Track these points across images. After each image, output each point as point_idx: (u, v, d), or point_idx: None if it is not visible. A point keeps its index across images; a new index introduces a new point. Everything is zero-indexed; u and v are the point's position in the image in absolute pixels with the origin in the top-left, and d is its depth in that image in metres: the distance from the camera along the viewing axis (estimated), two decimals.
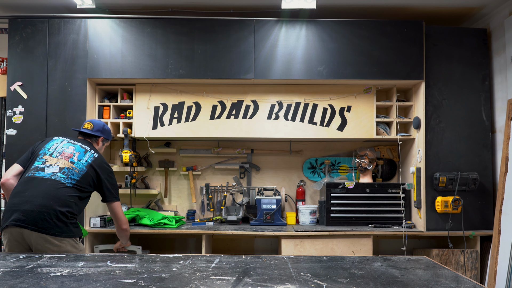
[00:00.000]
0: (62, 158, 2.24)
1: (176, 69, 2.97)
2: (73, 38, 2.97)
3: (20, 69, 2.97)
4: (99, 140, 2.51)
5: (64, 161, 2.23)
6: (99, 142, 2.52)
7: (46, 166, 2.19)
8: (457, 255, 3.01)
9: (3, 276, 1.45)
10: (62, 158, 2.24)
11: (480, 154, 3.05)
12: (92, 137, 2.50)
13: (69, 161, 2.24)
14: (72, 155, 2.27)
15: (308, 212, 3.23)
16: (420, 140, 3.05)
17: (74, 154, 2.27)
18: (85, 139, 2.47)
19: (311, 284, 1.37)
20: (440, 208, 2.96)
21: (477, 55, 3.08)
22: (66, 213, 2.10)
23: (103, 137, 2.52)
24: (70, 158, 2.25)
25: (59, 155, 2.25)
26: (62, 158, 2.24)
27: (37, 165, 2.21)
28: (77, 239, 2.18)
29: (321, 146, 3.59)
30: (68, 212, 2.11)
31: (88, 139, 2.49)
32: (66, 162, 2.23)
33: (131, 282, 1.38)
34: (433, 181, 3.00)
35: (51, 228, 2.05)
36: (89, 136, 2.49)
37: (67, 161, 2.23)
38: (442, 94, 3.05)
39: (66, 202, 2.12)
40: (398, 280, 1.44)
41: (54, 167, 2.19)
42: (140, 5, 3.00)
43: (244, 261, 1.71)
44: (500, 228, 2.84)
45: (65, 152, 2.27)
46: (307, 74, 2.99)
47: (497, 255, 2.83)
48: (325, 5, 2.99)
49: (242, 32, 2.98)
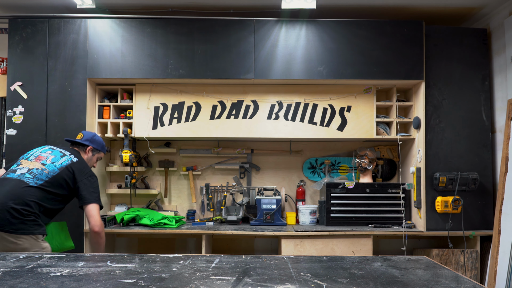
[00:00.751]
0: (35, 161, 2.31)
1: (176, 69, 2.97)
2: (73, 38, 2.97)
3: (20, 69, 2.97)
4: (87, 149, 2.56)
5: (36, 163, 2.29)
6: (87, 152, 2.56)
7: (19, 168, 2.28)
8: (457, 255, 3.01)
9: (3, 276, 1.45)
10: (35, 161, 2.31)
11: (480, 154, 3.05)
12: (80, 146, 2.55)
13: (40, 163, 2.29)
14: (46, 158, 2.33)
15: (308, 212, 3.23)
16: (420, 140, 3.05)
17: (48, 157, 2.34)
18: (73, 148, 2.54)
19: (311, 284, 1.37)
20: (440, 208, 2.96)
21: (477, 55, 3.08)
22: (21, 211, 2.12)
23: (92, 147, 2.57)
24: (42, 160, 2.31)
25: (34, 158, 2.33)
26: (35, 161, 2.31)
27: (12, 168, 2.30)
28: (38, 237, 2.19)
29: (321, 146, 3.59)
30: (23, 210, 2.13)
31: (76, 148, 2.55)
32: (38, 164, 2.29)
33: (131, 282, 1.38)
34: (433, 181, 3.00)
35: (5, 225, 2.08)
36: (77, 145, 2.55)
37: (38, 163, 2.29)
38: (442, 94, 3.05)
39: (23, 200, 2.14)
40: (398, 280, 1.44)
41: (24, 168, 2.26)
42: (140, 5, 3.00)
43: (244, 261, 1.71)
44: (500, 228, 2.84)
45: (41, 156, 2.34)
46: (307, 74, 2.99)
47: (497, 255, 2.83)
48: (325, 5, 2.99)
49: (242, 32, 2.98)
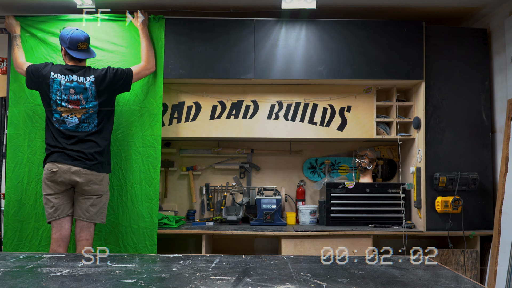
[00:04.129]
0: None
1: (176, 69, 2.97)
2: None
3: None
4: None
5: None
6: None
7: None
8: (457, 255, 3.01)
9: (3, 276, 1.45)
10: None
11: (480, 154, 3.04)
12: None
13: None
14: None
15: (308, 212, 3.23)
16: (420, 140, 3.05)
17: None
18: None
19: (311, 284, 1.37)
20: (440, 208, 2.96)
21: (477, 55, 3.08)
22: None
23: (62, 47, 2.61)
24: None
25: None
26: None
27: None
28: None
29: (321, 146, 3.59)
30: None
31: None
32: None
33: (131, 282, 1.38)
34: (433, 181, 3.00)
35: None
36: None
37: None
38: (442, 94, 3.05)
39: None
40: (398, 280, 1.44)
41: None
42: (140, 5, 3.00)
43: (244, 261, 1.71)
44: (500, 228, 2.84)
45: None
46: (307, 74, 2.99)
47: (497, 255, 2.83)
48: (325, 5, 2.99)
49: (242, 32, 2.98)
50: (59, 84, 2.52)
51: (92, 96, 2.54)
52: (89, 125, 2.54)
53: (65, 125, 2.52)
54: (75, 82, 2.53)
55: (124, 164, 2.87)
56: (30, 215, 2.86)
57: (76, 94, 2.51)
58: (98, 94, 2.55)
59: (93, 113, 2.54)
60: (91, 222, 2.50)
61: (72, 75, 2.55)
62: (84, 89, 2.53)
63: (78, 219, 2.50)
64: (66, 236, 2.49)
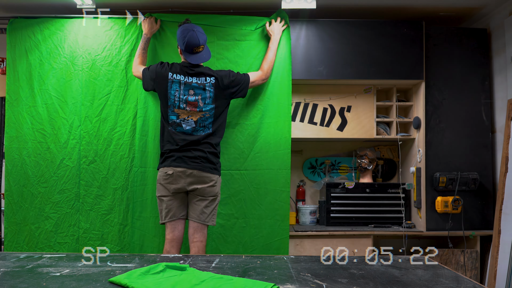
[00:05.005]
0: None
1: None
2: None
3: None
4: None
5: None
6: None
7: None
8: (457, 255, 3.01)
9: (3, 276, 1.45)
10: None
11: (480, 154, 3.05)
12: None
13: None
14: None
15: (308, 212, 3.23)
16: (420, 140, 3.05)
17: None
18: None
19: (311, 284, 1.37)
20: (440, 208, 2.96)
21: (477, 55, 3.08)
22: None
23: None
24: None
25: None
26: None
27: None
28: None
29: (321, 146, 3.58)
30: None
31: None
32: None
33: None
34: (433, 181, 3.00)
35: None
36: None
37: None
38: (442, 94, 3.05)
39: None
40: (398, 280, 1.44)
41: None
42: (140, 5, 3.00)
43: (244, 261, 1.71)
44: (500, 228, 2.84)
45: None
46: (307, 74, 2.99)
47: (497, 255, 2.83)
48: (325, 5, 2.99)
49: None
50: (178, 84, 2.48)
51: (209, 98, 2.49)
52: (204, 128, 2.50)
53: (181, 128, 2.48)
54: (194, 82, 2.48)
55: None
56: (26, 218, 2.86)
57: (195, 95, 2.47)
58: (216, 97, 2.51)
59: (209, 117, 2.50)
60: (205, 224, 2.49)
61: (192, 75, 2.50)
62: (203, 90, 2.48)
63: (192, 221, 2.49)
64: (179, 237, 2.50)
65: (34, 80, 2.91)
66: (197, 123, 2.48)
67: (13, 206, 2.86)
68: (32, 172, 2.87)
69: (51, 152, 2.89)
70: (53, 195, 2.87)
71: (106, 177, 2.88)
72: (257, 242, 2.82)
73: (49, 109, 2.90)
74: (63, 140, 2.89)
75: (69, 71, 2.91)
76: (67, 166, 2.89)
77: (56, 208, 2.87)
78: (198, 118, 2.48)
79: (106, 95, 2.90)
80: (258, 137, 2.86)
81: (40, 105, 2.90)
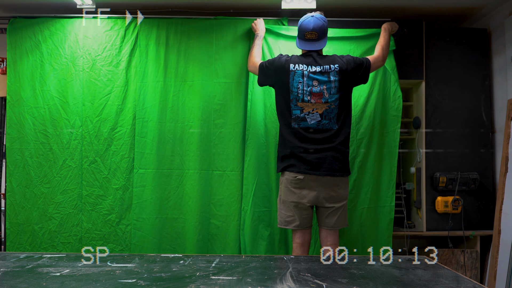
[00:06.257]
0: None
1: None
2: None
3: None
4: None
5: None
6: None
7: None
8: (457, 255, 3.01)
9: (3, 276, 1.46)
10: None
11: (480, 154, 3.04)
12: None
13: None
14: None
15: None
16: (420, 140, 3.05)
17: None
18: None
19: (311, 284, 1.37)
20: (440, 208, 2.96)
21: (477, 55, 3.08)
22: None
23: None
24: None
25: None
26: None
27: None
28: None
29: None
30: None
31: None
32: None
33: (131, 282, 1.38)
34: (433, 181, 3.00)
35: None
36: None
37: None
38: (442, 94, 3.05)
39: None
40: (398, 280, 1.44)
41: None
42: (140, 5, 3.00)
43: (244, 261, 1.71)
44: (500, 228, 2.84)
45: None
46: None
47: (497, 255, 2.83)
48: (325, 5, 2.99)
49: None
50: (301, 76, 2.33)
51: (335, 88, 2.33)
52: (330, 122, 2.34)
53: (306, 123, 2.33)
54: (318, 72, 2.34)
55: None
56: (29, 218, 2.85)
57: (319, 85, 2.32)
58: (340, 86, 2.34)
59: (334, 108, 2.33)
60: (337, 229, 2.42)
61: (314, 64, 2.35)
62: (328, 80, 2.33)
63: (323, 228, 2.42)
64: (308, 240, 2.44)
65: (35, 81, 2.91)
66: (322, 116, 2.33)
67: (15, 206, 2.86)
68: (34, 172, 2.88)
69: (53, 153, 2.89)
70: (56, 196, 2.87)
71: (107, 177, 2.88)
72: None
73: (51, 110, 2.90)
74: (65, 140, 2.90)
75: (70, 72, 2.91)
76: (70, 167, 2.89)
77: (59, 209, 2.87)
78: (323, 110, 2.32)
79: (106, 95, 2.90)
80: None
81: (42, 106, 2.90)
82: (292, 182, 2.36)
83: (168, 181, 2.87)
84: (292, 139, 2.35)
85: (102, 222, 2.87)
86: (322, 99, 2.33)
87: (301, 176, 2.32)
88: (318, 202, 2.36)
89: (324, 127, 2.34)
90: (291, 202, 2.38)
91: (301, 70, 2.34)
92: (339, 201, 2.38)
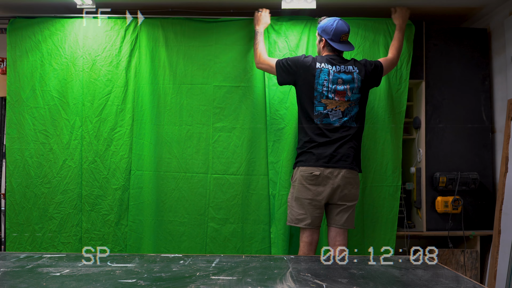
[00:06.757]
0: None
1: None
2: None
3: None
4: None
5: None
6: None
7: None
8: (457, 255, 3.01)
9: (3, 276, 1.46)
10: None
11: (480, 154, 3.04)
12: None
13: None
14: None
15: None
16: (420, 140, 3.05)
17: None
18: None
19: (311, 284, 1.37)
20: (440, 208, 2.96)
21: (477, 55, 3.08)
22: None
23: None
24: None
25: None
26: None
27: None
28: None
29: None
30: None
31: None
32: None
33: (131, 282, 1.38)
34: (433, 181, 3.00)
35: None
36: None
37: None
38: (442, 94, 3.05)
39: None
40: (398, 280, 1.44)
41: None
42: (140, 5, 3.00)
43: (244, 261, 1.71)
44: (500, 228, 2.84)
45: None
46: None
47: (497, 255, 2.83)
48: (325, 5, 2.99)
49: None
50: (327, 74, 2.43)
51: (357, 88, 2.46)
52: (349, 119, 2.44)
53: (328, 119, 2.42)
54: (343, 72, 2.46)
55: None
56: (29, 218, 2.85)
57: (343, 84, 2.43)
58: (362, 86, 2.48)
59: (354, 107, 2.46)
60: (346, 229, 2.47)
61: (339, 64, 2.48)
62: (352, 80, 2.45)
63: (333, 226, 2.46)
64: (316, 240, 2.48)
65: (35, 81, 2.91)
66: (344, 113, 2.43)
67: (15, 207, 2.86)
68: (35, 172, 2.87)
69: (54, 153, 2.89)
70: (56, 196, 2.87)
71: (107, 177, 2.88)
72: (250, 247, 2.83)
73: (52, 111, 2.90)
74: (65, 141, 2.89)
75: (70, 72, 2.91)
76: (70, 167, 2.89)
77: (60, 209, 2.87)
78: (345, 108, 2.43)
79: (106, 95, 2.90)
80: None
81: (43, 107, 2.90)
82: (308, 179, 2.40)
83: (165, 184, 2.87)
84: (313, 135, 2.42)
85: (101, 222, 2.87)
86: (345, 97, 2.43)
87: (317, 172, 2.38)
88: (331, 199, 2.42)
89: (345, 124, 2.43)
90: (305, 199, 2.42)
91: (327, 69, 2.45)
92: (351, 200, 2.44)
